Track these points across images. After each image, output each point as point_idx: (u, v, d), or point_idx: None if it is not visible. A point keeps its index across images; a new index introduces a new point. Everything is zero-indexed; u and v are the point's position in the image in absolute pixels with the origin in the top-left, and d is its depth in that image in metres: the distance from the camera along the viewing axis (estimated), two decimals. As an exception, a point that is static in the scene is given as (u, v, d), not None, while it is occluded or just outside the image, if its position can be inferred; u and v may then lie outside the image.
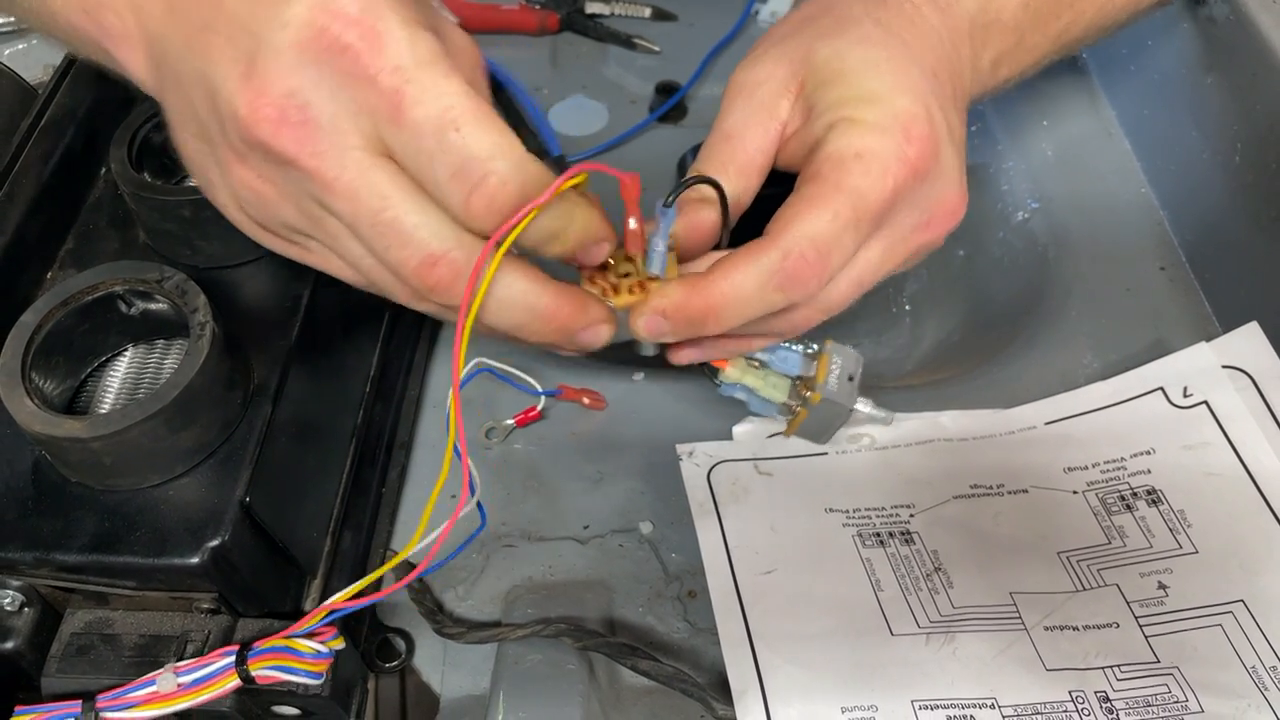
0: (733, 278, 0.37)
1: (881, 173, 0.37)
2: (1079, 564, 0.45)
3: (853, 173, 0.37)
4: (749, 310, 0.38)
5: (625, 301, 0.38)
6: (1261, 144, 0.53)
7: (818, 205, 0.37)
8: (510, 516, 0.49)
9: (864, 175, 0.37)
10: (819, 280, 0.37)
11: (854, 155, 0.37)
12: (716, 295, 0.37)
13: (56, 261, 0.44)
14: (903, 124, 0.38)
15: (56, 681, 0.37)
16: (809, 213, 0.37)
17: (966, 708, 0.40)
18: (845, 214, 0.37)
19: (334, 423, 0.46)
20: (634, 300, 0.38)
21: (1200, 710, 0.40)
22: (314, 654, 0.37)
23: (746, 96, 0.41)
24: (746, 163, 0.41)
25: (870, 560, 0.46)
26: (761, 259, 0.37)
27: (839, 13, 0.41)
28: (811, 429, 0.46)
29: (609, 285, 0.39)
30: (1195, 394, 0.49)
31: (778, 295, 0.37)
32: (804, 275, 0.37)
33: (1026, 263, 0.61)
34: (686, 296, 0.37)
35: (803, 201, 0.37)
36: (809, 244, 0.36)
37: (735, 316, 0.38)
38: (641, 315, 0.38)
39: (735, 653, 0.42)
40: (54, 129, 0.46)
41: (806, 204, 0.37)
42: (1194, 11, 0.57)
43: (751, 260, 0.37)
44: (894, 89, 0.38)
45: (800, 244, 0.36)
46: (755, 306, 0.38)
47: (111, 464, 0.36)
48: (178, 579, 0.37)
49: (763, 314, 0.38)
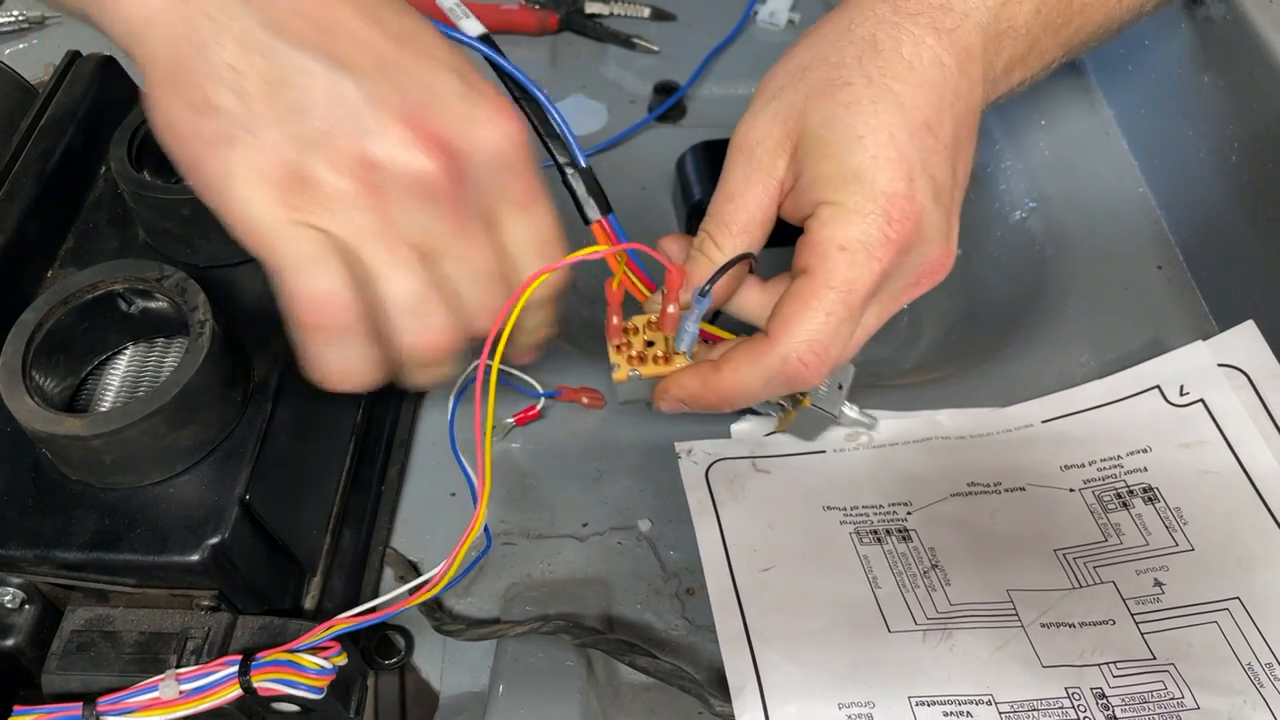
0: (740, 374, 0.42)
1: (867, 260, 0.40)
2: (1075, 561, 0.45)
3: (839, 266, 0.40)
4: (756, 398, 0.43)
5: (651, 371, 0.44)
6: (1258, 143, 0.53)
7: (812, 305, 0.40)
8: (509, 514, 0.49)
9: (850, 267, 0.40)
10: (818, 374, 0.41)
11: (839, 248, 0.40)
12: (726, 388, 0.42)
13: (57, 260, 0.45)
14: (883, 207, 0.39)
15: (57, 679, 0.37)
16: (804, 314, 0.40)
17: (963, 704, 0.40)
18: (838, 311, 0.40)
19: (334, 421, 0.46)
20: (659, 370, 0.44)
21: (1196, 707, 0.40)
22: (318, 670, 0.37)
23: (746, 156, 0.43)
24: (748, 220, 0.43)
25: (868, 558, 0.46)
26: (763, 362, 0.41)
27: (833, 63, 0.42)
28: (798, 430, 0.49)
29: (635, 356, 0.44)
30: (1191, 392, 0.50)
31: (781, 388, 0.42)
32: (804, 374, 0.41)
33: (1024, 262, 0.61)
34: (702, 388, 0.43)
35: (797, 300, 0.40)
36: (806, 348, 0.40)
37: (744, 401, 0.43)
38: (663, 401, 0.44)
39: (733, 649, 0.42)
40: (54, 128, 0.46)
41: (801, 303, 0.40)
42: (1192, 12, 0.57)
43: (755, 362, 0.41)
44: (876, 166, 0.40)
45: (799, 349, 0.40)
46: (761, 395, 0.43)
47: (112, 462, 0.36)
48: (178, 576, 0.37)
49: (769, 396, 0.44)
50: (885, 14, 0.42)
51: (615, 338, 0.44)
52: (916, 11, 0.42)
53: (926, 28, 0.42)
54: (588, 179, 0.42)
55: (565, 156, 0.42)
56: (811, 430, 0.50)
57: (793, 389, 0.42)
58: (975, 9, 0.43)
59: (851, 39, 0.42)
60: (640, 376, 0.44)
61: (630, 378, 0.44)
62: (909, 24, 0.42)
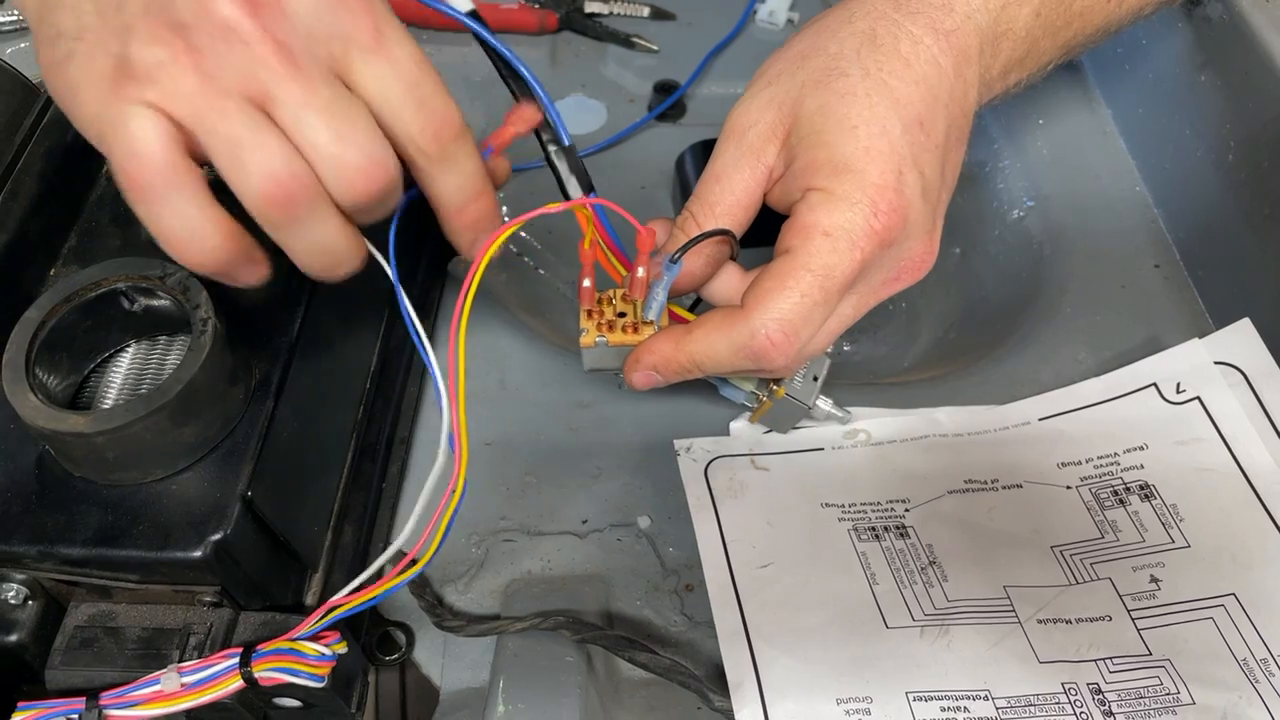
0: (710, 339, 0.42)
1: (849, 248, 0.40)
2: (1072, 558, 0.45)
3: (821, 251, 0.40)
4: (725, 368, 0.43)
5: (618, 340, 0.44)
6: (1255, 143, 0.53)
7: (788, 284, 0.40)
8: (509, 511, 0.49)
9: (831, 253, 0.40)
10: (785, 355, 0.41)
11: (823, 233, 0.40)
12: (696, 351, 0.42)
13: (59, 258, 0.45)
14: (871, 197, 0.40)
15: (60, 674, 0.38)
16: (779, 292, 0.40)
17: (960, 699, 0.41)
18: (814, 294, 0.40)
19: (335, 418, 0.46)
20: (626, 339, 0.43)
21: (1192, 702, 0.40)
22: (318, 656, 0.37)
23: (737, 139, 0.43)
24: (733, 203, 0.43)
25: (866, 554, 0.46)
26: (733, 333, 0.41)
27: (831, 53, 0.42)
28: (772, 419, 0.50)
29: (605, 323, 0.44)
30: (1188, 390, 0.50)
31: (749, 364, 0.42)
32: (770, 353, 0.41)
33: (1022, 260, 0.61)
34: (674, 350, 0.42)
35: (774, 278, 0.40)
36: (776, 326, 0.40)
37: (714, 369, 0.43)
38: (635, 372, 0.44)
39: (732, 645, 0.43)
40: (56, 127, 0.47)
41: (778, 282, 0.40)
42: (1190, 11, 0.58)
43: (725, 332, 0.41)
44: (867, 156, 0.40)
45: (768, 326, 0.40)
46: (730, 366, 0.42)
47: (115, 459, 0.36)
48: (180, 572, 0.37)
49: (739, 371, 0.43)
50: (886, 10, 0.42)
51: (586, 301, 0.44)
52: (917, 10, 0.42)
53: (925, 28, 0.42)
54: (570, 157, 0.41)
55: (549, 134, 0.41)
56: (785, 422, 0.50)
57: (759, 365, 0.42)
58: (976, 11, 0.43)
59: (852, 31, 0.42)
60: (608, 344, 0.44)
61: (597, 344, 0.44)
62: (909, 22, 0.42)
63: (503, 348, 0.55)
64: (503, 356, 0.54)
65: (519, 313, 0.58)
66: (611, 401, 0.53)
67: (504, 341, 0.55)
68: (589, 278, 0.43)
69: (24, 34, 0.70)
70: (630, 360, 0.44)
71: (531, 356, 0.55)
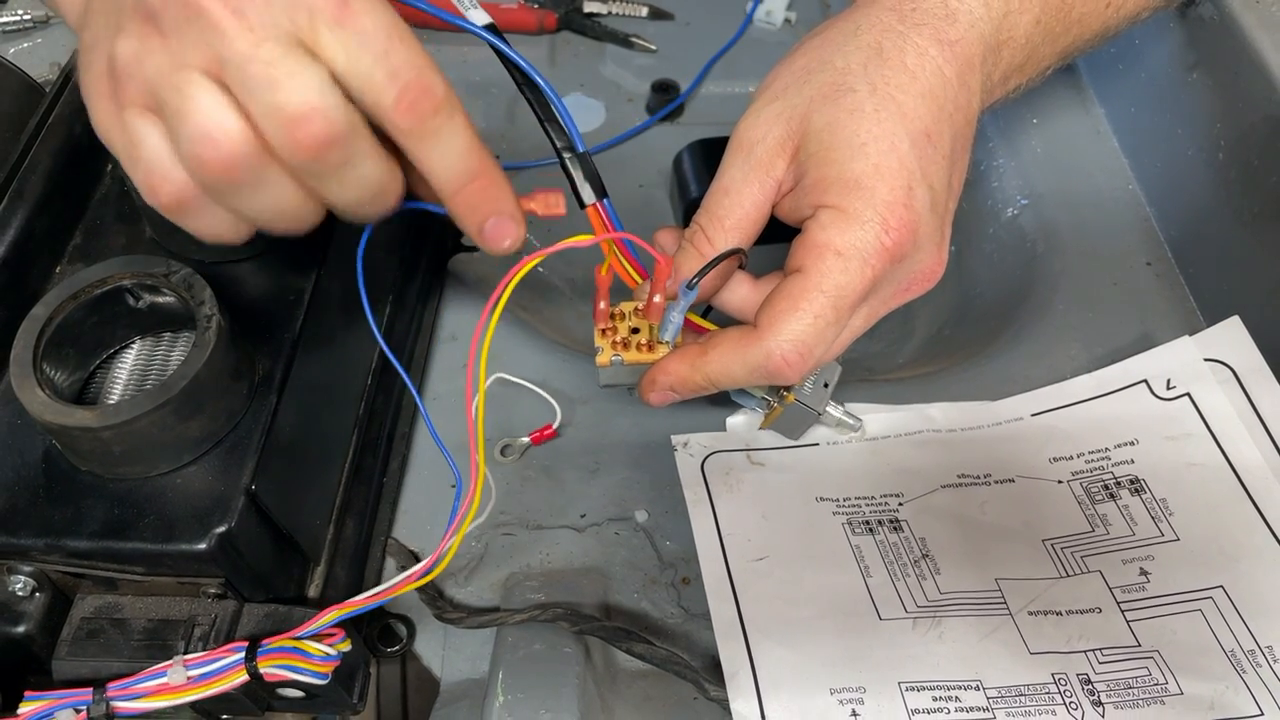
0: (725, 361, 0.43)
1: (861, 266, 0.40)
2: (1063, 551, 0.46)
3: (833, 270, 0.40)
4: (739, 384, 0.44)
5: (634, 358, 0.45)
6: (1245, 142, 0.54)
7: (801, 305, 0.41)
8: (509, 505, 0.50)
9: (844, 273, 0.40)
10: (800, 372, 0.42)
11: (835, 253, 0.40)
12: (712, 370, 0.43)
13: (65, 256, 0.45)
14: (881, 214, 0.40)
15: (67, 665, 0.38)
16: (793, 314, 0.41)
17: (952, 689, 0.41)
18: (827, 314, 0.41)
19: (336, 413, 0.47)
20: (641, 358, 0.45)
21: (1180, 692, 0.41)
22: (322, 656, 0.38)
23: (745, 153, 0.43)
24: (742, 217, 0.43)
25: (859, 548, 0.47)
26: (748, 354, 0.42)
27: (838, 68, 0.42)
28: (783, 425, 0.50)
29: (619, 341, 0.45)
30: (1178, 386, 0.50)
31: (763, 380, 0.43)
32: (785, 372, 0.42)
33: (1015, 258, 0.62)
34: (690, 371, 0.44)
35: (787, 299, 0.41)
36: (791, 347, 0.41)
37: (729, 385, 0.44)
38: (653, 392, 0.45)
39: (727, 636, 0.43)
40: (61, 126, 0.47)
41: (791, 303, 0.41)
42: (1183, 12, 0.58)
43: (740, 354, 0.42)
44: (877, 174, 0.40)
45: (783, 347, 0.41)
46: (744, 382, 0.44)
47: (121, 453, 0.37)
48: (185, 564, 0.38)
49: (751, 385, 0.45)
50: (891, 22, 0.43)
51: (601, 322, 0.45)
52: (921, 22, 0.43)
53: (930, 38, 0.42)
54: (585, 163, 0.41)
55: (564, 141, 0.41)
56: (796, 428, 0.50)
57: (774, 382, 0.43)
58: (979, 20, 0.43)
59: (858, 45, 0.43)
60: (623, 362, 0.45)
61: (613, 362, 0.45)
62: (914, 34, 0.42)
63: (500, 343, 0.55)
64: (500, 352, 0.55)
65: (516, 308, 0.59)
66: (609, 398, 0.54)
67: (501, 336, 0.56)
68: (604, 300, 0.44)
69: (28, 34, 0.70)
70: (646, 380, 0.45)
71: (529, 352, 0.55)
